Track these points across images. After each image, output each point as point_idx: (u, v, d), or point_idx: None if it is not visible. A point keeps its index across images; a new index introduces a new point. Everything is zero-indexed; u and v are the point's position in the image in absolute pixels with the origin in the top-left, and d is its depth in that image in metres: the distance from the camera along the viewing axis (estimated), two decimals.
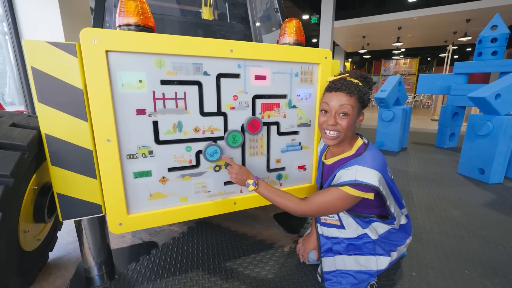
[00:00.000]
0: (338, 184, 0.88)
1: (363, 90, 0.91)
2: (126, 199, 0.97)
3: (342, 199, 0.88)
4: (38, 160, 0.96)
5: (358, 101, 0.91)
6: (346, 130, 0.92)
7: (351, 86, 0.90)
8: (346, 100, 0.89)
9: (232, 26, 1.93)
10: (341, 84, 0.91)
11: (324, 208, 0.90)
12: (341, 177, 0.90)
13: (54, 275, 1.14)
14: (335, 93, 0.92)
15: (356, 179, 0.85)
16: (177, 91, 0.96)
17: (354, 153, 0.97)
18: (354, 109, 0.90)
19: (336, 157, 1.02)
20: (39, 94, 0.83)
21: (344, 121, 0.91)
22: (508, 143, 2.20)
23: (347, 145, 0.99)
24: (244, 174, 1.00)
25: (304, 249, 1.17)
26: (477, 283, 1.10)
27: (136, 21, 0.88)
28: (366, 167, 0.87)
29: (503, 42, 3.09)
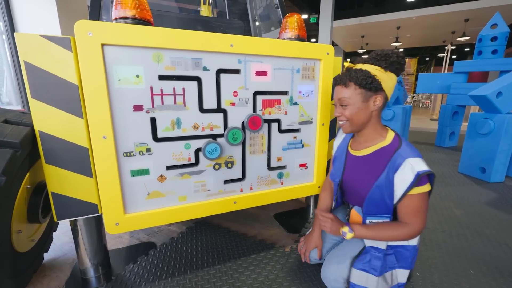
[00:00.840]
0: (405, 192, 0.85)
1: (361, 75, 0.87)
2: (123, 198, 0.94)
3: (420, 201, 0.86)
4: (31, 158, 0.93)
5: (360, 87, 0.88)
6: (351, 118, 0.92)
7: (345, 76, 0.90)
8: (343, 92, 0.91)
9: (231, 22, 1.91)
10: (338, 78, 0.93)
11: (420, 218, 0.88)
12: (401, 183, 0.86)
13: (49, 277, 1.11)
14: (336, 87, 0.96)
15: (417, 171, 0.82)
16: (176, 87, 0.93)
17: (390, 143, 0.92)
18: (354, 98, 0.89)
19: (371, 148, 0.97)
20: (33, 89, 0.80)
21: (346, 111, 0.92)
22: (509, 141, 2.19)
23: (376, 134, 0.95)
24: (338, 223, 0.95)
25: (306, 248, 1.13)
26: (482, 283, 1.08)
27: (133, 14, 0.85)
28: (416, 158, 0.85)
29: (503, 40, 3.08)
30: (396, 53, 0.88)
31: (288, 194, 1.26)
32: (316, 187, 1.32)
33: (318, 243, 1.11)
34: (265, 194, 1.19)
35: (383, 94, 0.90)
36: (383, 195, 0.90)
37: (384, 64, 0.87)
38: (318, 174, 1.30)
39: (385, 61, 0.87)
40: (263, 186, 1.20)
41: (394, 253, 0.96)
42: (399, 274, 0.96)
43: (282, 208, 1.74)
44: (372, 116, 0.93)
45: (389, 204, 0.90)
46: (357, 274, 0.91)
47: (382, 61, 0.88)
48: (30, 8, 2.74)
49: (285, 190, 1.24)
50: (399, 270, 0.96)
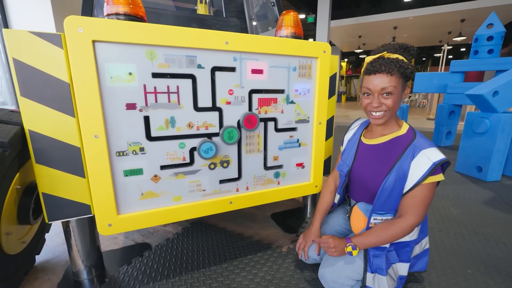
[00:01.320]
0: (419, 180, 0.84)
1: (404, 65, 0.86)
2: (116, 198, 0.92)
3: (430, 191, 0.86)
4: (21, 158, 0.91)
5: (401, 77, 0.87)
6: (392, 108, 0.90)
7: (391, 64, 0.86)
8: (388, 81, 0.86)
9: (228, 20, 1.89)
10: (380, 65, 0.87)
11: (423, 210, 0.87)
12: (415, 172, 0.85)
13: (40, 279, 1.08)
14: (374, 76, 0.89)
15: (434, 162, 0.82)
16: (170, 85, 0.91)
17: (406, 133, 0.93)
18: (398, 87, 0.88)
19: (386, 136, 0.96)
20: (22, 87, 0.78)
21: (388, 100, 0.88)
22: (505, 140, 2.20)
23: (393, 123, 0.96)
24: (341, 242, 0.93)
25: (305, 243, 1.10)
26: (480, 283, 1.07)
27: (126, 10, 0.83)
28: (431, 148, 0.86)
29: (499, 40, 3.10)
30: (412, 46, 0.91)
31: (284, 194, 1.24)
32: (313, 186, 1.31)
33: (317, 235, 1.08)
34: (261, 194, 1.18)
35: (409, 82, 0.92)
36: (396, 185, 0.88)
37: (407, 55, 0.89)
38: (315, 173, 1.29)
39: (408, 53, 0.90)
40: (259, 186, 1.19)
41: (395, 249, 0.95)
42: (399, 267, 0.95)
43: (279, 208, 1.72)
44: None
45: (399, 194, 0.89)
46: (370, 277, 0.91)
47: (405, 52, 0.90)
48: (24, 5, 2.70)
49: (281, 190, 1.23)
50: (399, 264, 0.95)
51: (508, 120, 2.14)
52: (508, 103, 2.22)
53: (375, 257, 0.92)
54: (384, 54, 0.90)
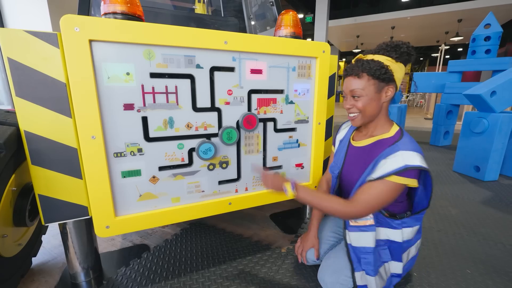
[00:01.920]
0: (384, 175, 0.82)
1: (374, 66, 0.85)
2: (114, 200, 0.91)
3: (390, 190, 0.82)
4: (17, 160, 0.89)
5: (373, 78, 0.86)
6: (363, 110, 0.90)
7: (357, 67, 0.87)
8: (355, 83, 0.88)
9: (226, 20, 1.88)
10: (350, 68, 0.90)
11: (373, 204, 0.84)
12: (384, 167, 0.83)
13: (37, 282, 1.07)
14: (346, 78, 0.92)
15: (406, 164, 0.80)
16: (168, 85, 0.90)
17: (393, 136, 0.91)
18: (367, 89, 0.87)
19: (372, 138, 0.95)
20: (17, 87, 0.77)
21: (358, 102, 0.89)
22: (503, 140, 2.21)
23: (382, 125, 0.94)
24: (279, 180, 0.93)
25: (303, 248, 1.11)
26: (479, 283, 1.07)
27: (123, 9, 0.82)
28: (412, 151, 0.83)
29: (496, 40, 3.11)
30: (405, 44, 0.87)
31: (284, 195, 1.23)
32: (313, 187, 1.30)
33: (314, 242, 1.09)
34: (260, 194, 1.17)
35: (394, 84, 0.89)
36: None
37: (394, 54, 0.86)
38: (315, 173, 1.28)
39: (395, 51, 0.86)
40: (258, 187, 1.18)
41: (389, 247, 0.95)
42: (392, 266, 0.95)
43: (278, 209, 1.72)
44: (383, 107, 0.92)
45: None
46: (358, 276, 0.91)
47: (392, 51, 0.87)
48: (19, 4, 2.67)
49: None
50: (392, 262, 0.95)
51: (506, 120, 2.15)
52: (505, 103, 2.23)
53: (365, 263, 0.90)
54: (360, 56, 0.91)
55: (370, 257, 0.90)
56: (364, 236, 0.91)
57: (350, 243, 0.93)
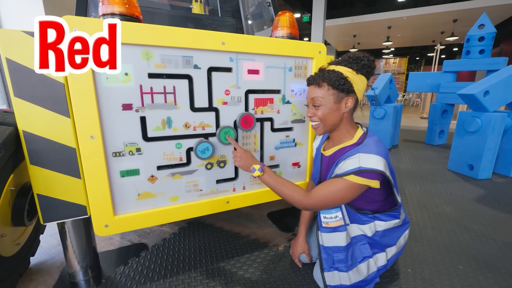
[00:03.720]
0: (342, 174, 0.85)
1: (334, 76, 0.87)
2: (113, 199, 0.92)
3: (347, 188, 0.85)
4: (15, 159, 0.90)
5: (333, 88, 0.88)
6: (323, 119, 0.92)
7: (318, 76, 0.90)
8: (315, 92, 0.91)
9: (223, 20, 1.89)
10: (312, 77, 0.93)
11: (329, 199, 0.87)
12: (343, 166, 0.86)
13: (36, 281, 1.07)
14: (308, 87, 0.96)
15: (360, 166, 0.82)
16: (166, 85, 0.91)
17: (356, 142, 0.93)
18: (326, 98, 0.89)
19: (336, 147, 0.97)
20: (15, 87, 0.77)
21: (318, 111, 0.92)
22: (496, 139, 2.25)
23: (346, 133, 0.95)
24: (249, 158, 0.96)
25: (294, 254, 1.17)
26: (471, 278, 1.10)
27: (121, 10, 0.83)
28: (369, 154, 0.85)
29: (490, 40, 3.16)
30: (367, 57, 0.89)
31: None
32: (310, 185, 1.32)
33: (304, 248, 1.13)
34: (258, 193, 1.19)
35: (354, 96, 0.90)
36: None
37: (355, 66, 0.88)
38: (311, 172, 1.30)
39: (356, 63, 0.88)
40: (256, 186, 1.19)
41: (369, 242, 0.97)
42: (379, 258, 0.97)
43: (275, 207, 1.74)
44: (344, 117, 0.93)
45: None
46: (329, 276, 0.94)
47: (354, 63, 0.88)
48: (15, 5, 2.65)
49: None
50: (377, 255, 0.97)
51: (499, 119, 2.19)
52: (498, 103, 2.27)
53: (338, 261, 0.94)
54: (323, 66, 0.94)
55: (342, 254, 0.94)
56: (335, 236, 0.96)
57: (322, 244, 0.98)
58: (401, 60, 14.87)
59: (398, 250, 1.03)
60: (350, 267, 0.93)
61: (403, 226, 1.05)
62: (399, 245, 1.03)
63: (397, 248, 1.03)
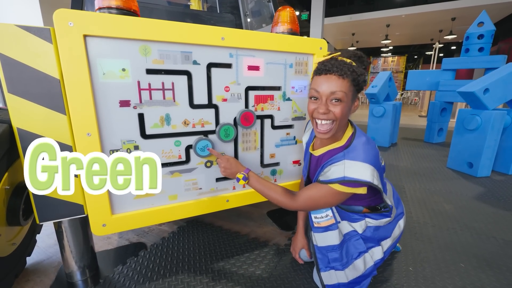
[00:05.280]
0: (327, 181, 0.81)
1: (358, 71, 0.78)
2: (110, 198, 0.90)
3: (331, 195, 0.83)
4: (10, 158, 0.88)
5: (353, 84, 0.79)
6: (340, 119, 0.81)
7: (344, 66, 0.77)
8: (339, 84, 0.77)
9: (222, 16, 1.86)
10: (332, 65, 0.78)
11: (313, 204, 0.87)
12: (328, 173, 0.82)
13: (32, 282, 1.05)
14: (325, 76, 0.79)
15: (344, 176, 0.77)
16: (165, 81, 0.89)
17: (344, 144, 0.88)
18: (349, 94, 0.79)
19: (324, 148, 0.92)
20: (9, 83, 0.75)
21: (337, 108, 0.79)
22: (495, 137, 2.24)
23: (338, 134, 0.90)
24: (233, 167, 0.95)
25: (294, 250, 1.15)
26: (472, 276, 1.09)
27: (118, 4, 0.80)
28: (355, 161, 0.78)
29: (489, 38, 3.15)
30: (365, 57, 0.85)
31: None
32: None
33: (303, 243, 1.12)
34: None
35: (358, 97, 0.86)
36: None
37: (361, 65, 0.83)
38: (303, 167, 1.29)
39: (360, 62, 0.83)
40: None
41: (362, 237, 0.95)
42: (375, 252, 0.95)
43: (275, 206, 1.72)
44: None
45: None
46: (326, 275, 0.92)
47: (359, 61, 0.83)
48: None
49: None
50: (373, 249, 0.95)
51: (498, 117, 2.19)
52: (498, 100, 2.27)
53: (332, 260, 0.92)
54: (338, 56, 0.83)
55: (337, 253, 0.92)
56: (329, 235, 0.94)
57: (316, 244, 0.96)
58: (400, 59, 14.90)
59: (394, 241, 1.03)
60: (346, 265, 0.91)
61: (396, 217, 1.04)
62: (394, 236, 1.02)
63: (392, 239, 1.02)
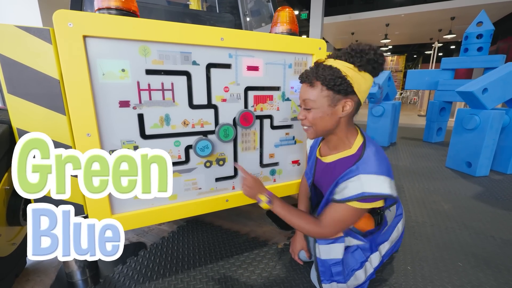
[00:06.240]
0: (344, 199, 0.79)
1: (330, 74, 0.73)
2: (110, 198, 0.90)
3: (353, 214, 0.80)
4: (10, 158, 0.87)
5: (328, 89, 0.75)
6: (314, 124, 0.81)
7: (311, 74, 0.77)
8: (307, 92, 0.79)
9: (221, 16, 1.86)
10: (304, 74, 0.80)
11: (343, 225, 0.84)
12: (345, 191, 0.80)
13: (32, 281, 1.06)
14: (301, 86, 0.83)
15: (363, 192, 0.75)
16: (164, 82, 0.90)
17: (355, 153, 0.84)
18: (320, 100, 0.77)
19: (335, 155, 0.89)
20: (9, 84, 0.75)
21: (309, 114, 0.80)
22: (494, 136, 2.25)
23: (344, 140, 0.86)
24: (256, 187, 0.91)
25: (293, 251, 1.15)
26: (470, 275, 1.10)
27: (118, 5, 0.81)
28: (372, 175, 0.76)
29: (488, 38, 3.16)
30: (373, 49, 0.74)
31: (280, 191, 1.25)
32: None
33: (303, 244, 1.12)
34: None
35: (354, 98, 0.77)
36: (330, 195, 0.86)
37: (358, 62, 0.74)
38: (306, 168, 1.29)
39: (360, 58, 0.74)
40: None
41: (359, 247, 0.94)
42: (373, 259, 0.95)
43: None
44: (341, 122, 0.82)
45: None
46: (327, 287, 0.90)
47: (356, 57, 0.74)
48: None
49: (277, 187, 1.23)
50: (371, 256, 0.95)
51: (497, 117, 2.19)
52: (496, 100, 2.27)
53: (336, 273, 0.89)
54: (319, 60, 0.80)
55: (339, 267, 0.88)
56: (334, 248, 0.88)
57: (319, 257, 0.91)
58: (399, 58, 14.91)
59: (392, 244, 1.03)
60: (347, 277, 0.89)
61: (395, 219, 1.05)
62: (392, 239, 1.02)
63: (390, 243, 1.02)
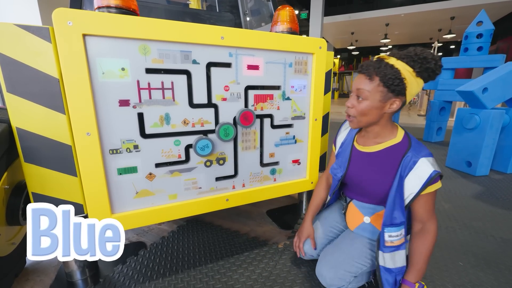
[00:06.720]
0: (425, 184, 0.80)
1: (389, 73, 0.78)
2: (110, 197, 0.90)
3: (433, 198, 0.85)
4: (9, 157, 0.88)
5: (384, 85, 0.80)
6: (360, 115, 0.86)
7: (372, 67, 0.81)
8: (364, 83, 0.83)
9: (221, 15, 1.86)
10: (365, 65, 0.84)
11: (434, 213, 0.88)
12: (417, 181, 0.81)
13: (32, 281, 1.05)
14: (358, 75, 0.86)
15: (435, 170, 0.79)
16: (164, 81, 0.89)
17: (401, 141, 0.88)
18: (374, 94, 0.81)
19: (381, 145, 0.91)
20: (8, 83, 0.75)
21: (360, 104, 0.84)
22: (494, 136, 2.25)
23: (387, 131, 0.90)
24: None
25: (299, 239, 1.11)
26: (471, 275, 1.10)
27: (117, 3, 0.80)
28: (429, 157, 0.82)
29: (488, 38, 3.15)
30: (435, 60, 0.79)
31: (281, 191, 1.24)
32: (309, 183, 1.31)
33: (310, 232, 1.09)
34: (257, 190, 1.18)
35: (403, 98, 0.83)
36: (396, 196, 0.86)
37: (418, 67, 0.79)
38: (311, 170, 1.29)
39: (421, 64, 0.79)
40: (255, 183, 1.18)
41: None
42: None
43: (274, 205, 1.73)
44: (383, 116, 0.87)
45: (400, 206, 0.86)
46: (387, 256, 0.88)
47: (417, 63, 0.79)
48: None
49: (278, 187, 1.23)
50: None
51: (497, 116, 2.19)
52: (496, 100, 2.27)
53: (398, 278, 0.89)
54: (382, 56, 0.84)
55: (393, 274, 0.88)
56: (398, 255, 0.88)
57: (383, 265, 0.88)
58: None
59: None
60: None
61: None
62: None
63: None
